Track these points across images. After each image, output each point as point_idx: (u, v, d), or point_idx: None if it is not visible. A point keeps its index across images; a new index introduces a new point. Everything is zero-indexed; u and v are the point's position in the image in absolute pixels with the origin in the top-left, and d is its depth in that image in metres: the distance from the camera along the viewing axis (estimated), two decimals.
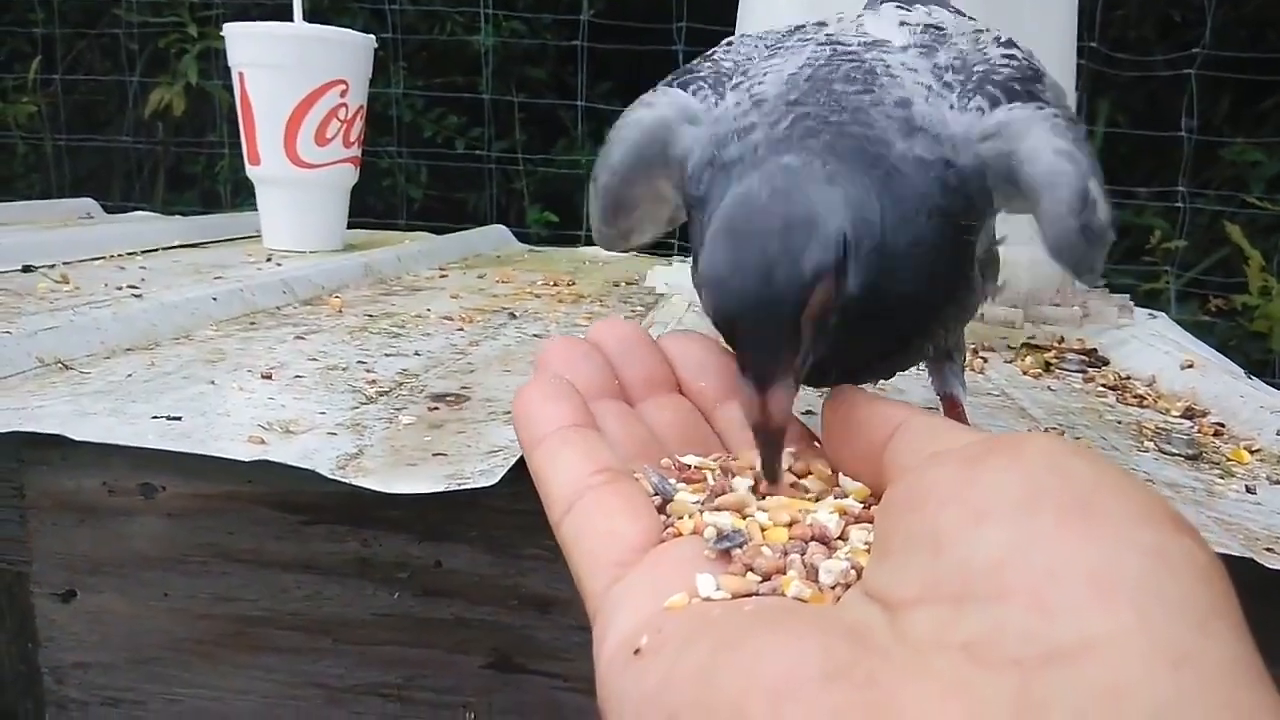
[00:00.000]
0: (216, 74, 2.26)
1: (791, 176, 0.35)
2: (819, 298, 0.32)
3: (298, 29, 1.25)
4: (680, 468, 0.34)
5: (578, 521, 0.31)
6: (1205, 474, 0.59)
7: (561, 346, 0.38)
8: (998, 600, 0.21)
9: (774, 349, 0.32)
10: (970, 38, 0.45)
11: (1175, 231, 2.01)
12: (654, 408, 0.37)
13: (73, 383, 0.63)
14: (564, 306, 1.03)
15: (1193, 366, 0.79)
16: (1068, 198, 0.39)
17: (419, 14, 2.41)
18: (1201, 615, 0.20)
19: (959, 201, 0.39)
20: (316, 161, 1.27)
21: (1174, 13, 2.36)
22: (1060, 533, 0.22)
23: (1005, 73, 0.42)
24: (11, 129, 2.46)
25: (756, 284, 0.31)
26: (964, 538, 0.23)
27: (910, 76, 0.41)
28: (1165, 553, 0.21)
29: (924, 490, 0.26)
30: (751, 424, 0.32)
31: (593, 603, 0.29)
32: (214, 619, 0.56)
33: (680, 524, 0.31)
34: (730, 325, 0.32)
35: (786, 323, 0.32)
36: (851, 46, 0.43)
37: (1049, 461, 0.24)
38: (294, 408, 0.60)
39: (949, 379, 0.51)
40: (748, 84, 0.43)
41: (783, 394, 0.32)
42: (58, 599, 0.57)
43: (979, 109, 0.41)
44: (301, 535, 0.55)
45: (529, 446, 0.34)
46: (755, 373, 0.32)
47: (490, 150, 2.33)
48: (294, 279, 1.00)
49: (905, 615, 0.23)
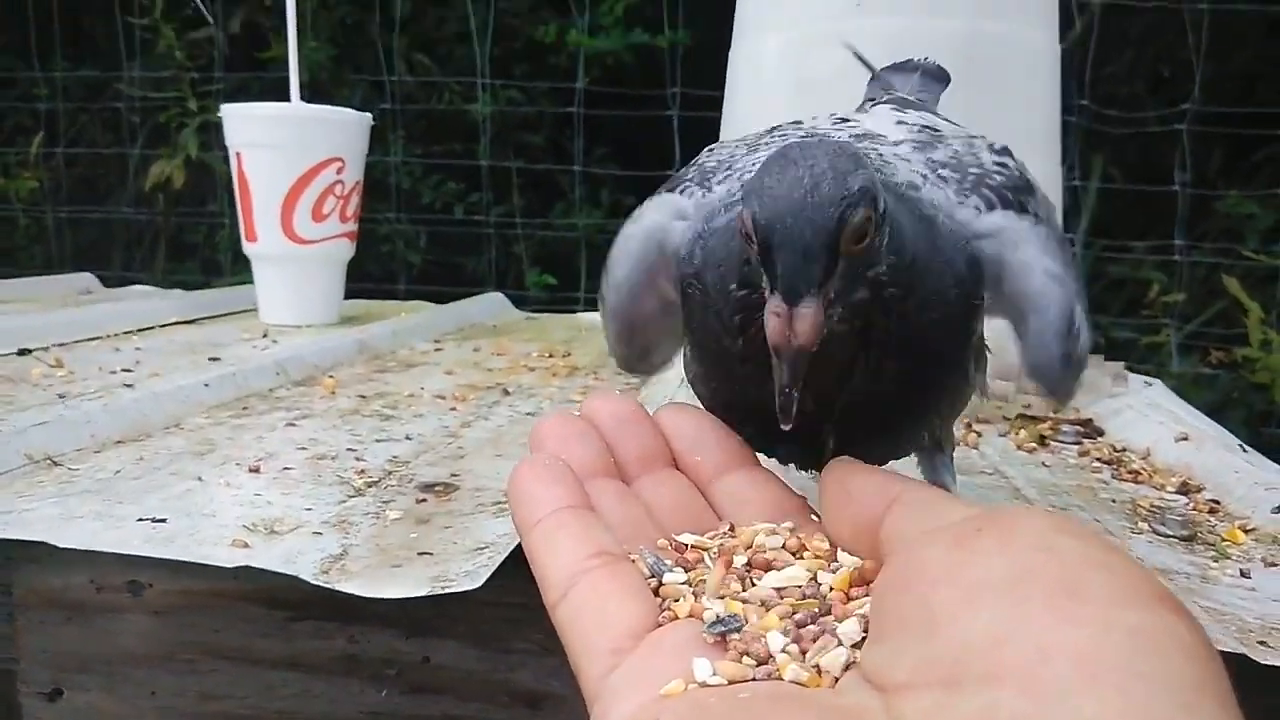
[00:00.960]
0: (216, 146, 2.28)
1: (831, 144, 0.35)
2: (859, 217, 0.32)
3: (294, 109, 1.27)
4: (678, 547, 0.34)
5: (574, 606, 0.31)
6: (1199, 556, 0.58)
7: (556, 425, 0.38)
8: (989, 685, 0.22)
9: (809, 260, 0.32)
10: (964, 142, 0.45)
11: (1173, 285, 2.02)
12: (650, 485, 0.37)
13: (60, 481, 0.63)
14: (558, 380, 1.03)
15: (1188, 439, 0.79)
16: (1054, 322, 0.39)
17: (418, 84, 2.44)
18: (1188, 694, 0.21)
19: (972, 276, 0.40)
20: (313, 238, 1.28)
21: (1163, 68, 2.39)
22: (1049, 614, 0.22)
23: (999, 179, 0.42)
24: (13, 203, 2.48)
25: (801, 193, 0.32)
26: (956, 619, 0.23)
27: (905, 166, 0.42)
28: (1151, 632, 0.22)
29: (917, 570, 0.26)
30: (774, 341, 0.32)
31: (590, 688, 0.29)
32: (202, 717, 0.55)
33: (676, 607, 0.30)
34: (768, 233, 0.32)
35: (825, 232, 0.32)
36: (842, 139, 0.43)
37: (1038, 541, 0.24)
38: (280, 504, 0.60)
39: (939, 469, 0.51)
40: (736, 174, 0.43)
41: (810, 311, 0.32)
42: (44, 697, 0.56)
43: (975, 208, 0.41)
44: (288, 632, 0.54)
45: (524, 529, 0.34)
46: (785, 286, 0.32)
47: (489, 215, 2.35)
48: (288, 360, 1.00)
49: (900, 700, 0.23)
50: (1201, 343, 2.08)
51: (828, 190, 0.32)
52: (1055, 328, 0.39)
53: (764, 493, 0.37)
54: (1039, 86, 1.00)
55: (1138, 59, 2.40)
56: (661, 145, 2.08)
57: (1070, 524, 0.25)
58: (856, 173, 0.33)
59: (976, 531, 0.25)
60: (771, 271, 0.32)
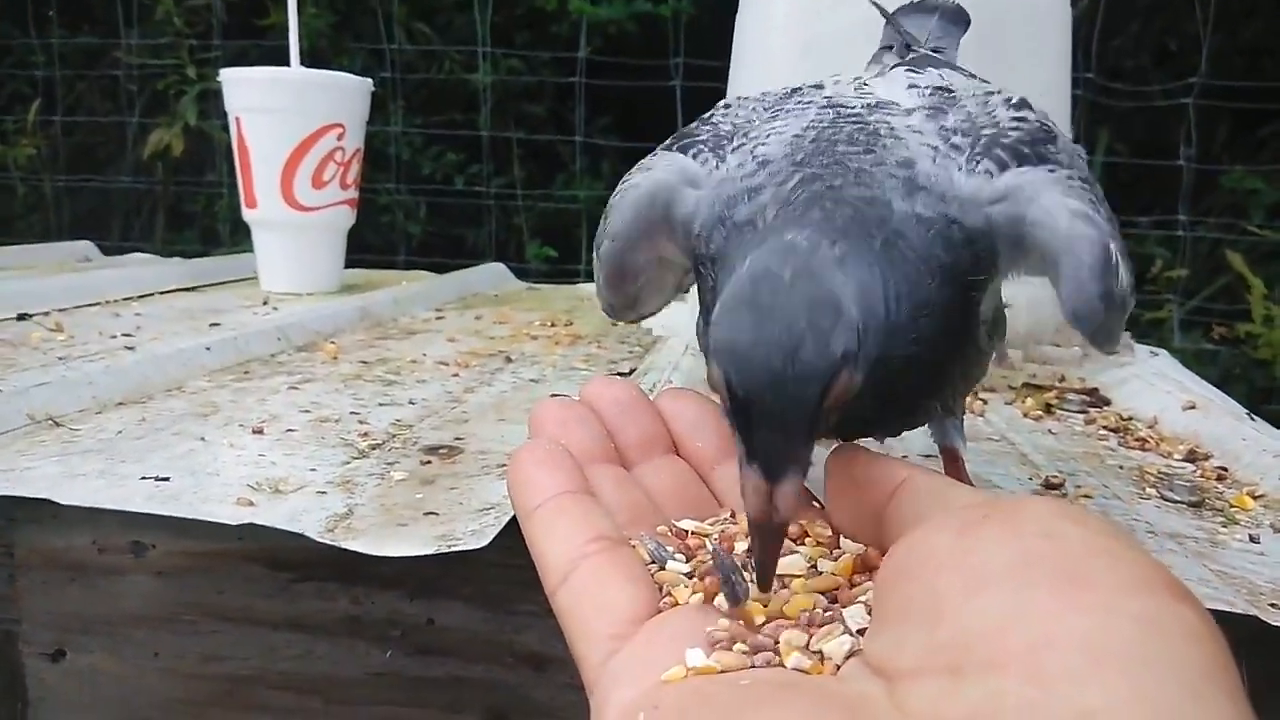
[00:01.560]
0: (215, 114, 2.27)
1: (807, 255, 0.32)
2: (842, 383, 0.30)
3: (294, 74, 1.26)
4: (678, 534, 0.33)
5: (573, 592, 0.31)
6: (1208, 522, 0.58)
7: (555, 409, 0.37)
8: (993, 672, 0.21)
9: (790, 435, 0.29)
10: (979, 100, 0.44)
11: (1177, 260, 2.01)
12: (650, 470, 0.37)
13: (62, 441, 0.63)
14: (561, 349, 1.03)
15: (1195, 408, 0.78)
16: (1089, 262, 0.38)
17: (418, 53, 2.43)
18: (1195, 681, 0.20)
19: (965, 257, 0.39)
20: (313, 204, 1.27)
21: (1170, 41, 2.37)
22: (1054, 602, 0.22)
23: (1014, 135, 0.41)
24: (11, 171, 2.47)
25: (781, 361, 0.29)
26: (961, 606, 0.23)
27: (915, 139, 0.41)
28: (1157, 619, 0.22)
29: (921, 556, 0.26)
30: (754, 517, 0.30)
31: (589, 674, 0.29)
32: (204, 679, 0.55)
33: (677, 593, 0.30)
34: (746, 404, 0.29)
35: (808, 408, 0.29)
36: (855, 109, 0.43)
37: (1043, 528, 0.24)
38: (284, 465, 0.60)
39: (949, 432, 0.51)
40: (750, 145, 0.42)
41: (792, 488, 0.30)
42: (47, 658, 0.56)
43: (987, 172, 0.40)
44: (291, 593, 0.54)
45: (524, 514, 0.33)
46: (765, 460, 0.29)
47: (489, 186, 2.34)
48: (289, 325, 1.00)
49: (904, 687, 0.23)
50: (1204, 318, 2.07)
51: (808, 360, 0.29)
52: (1089, 265, 0.38)
53: None
54: (1050, 46, 0.99)
55: (1144, 31, 2.39)
56: (664, 116, 2.07)
57: (1076, 511, 0.25)
58: (838, 327, 0.30)
59: (982, 518, 0.25)
60: (748, 442, 0.30)
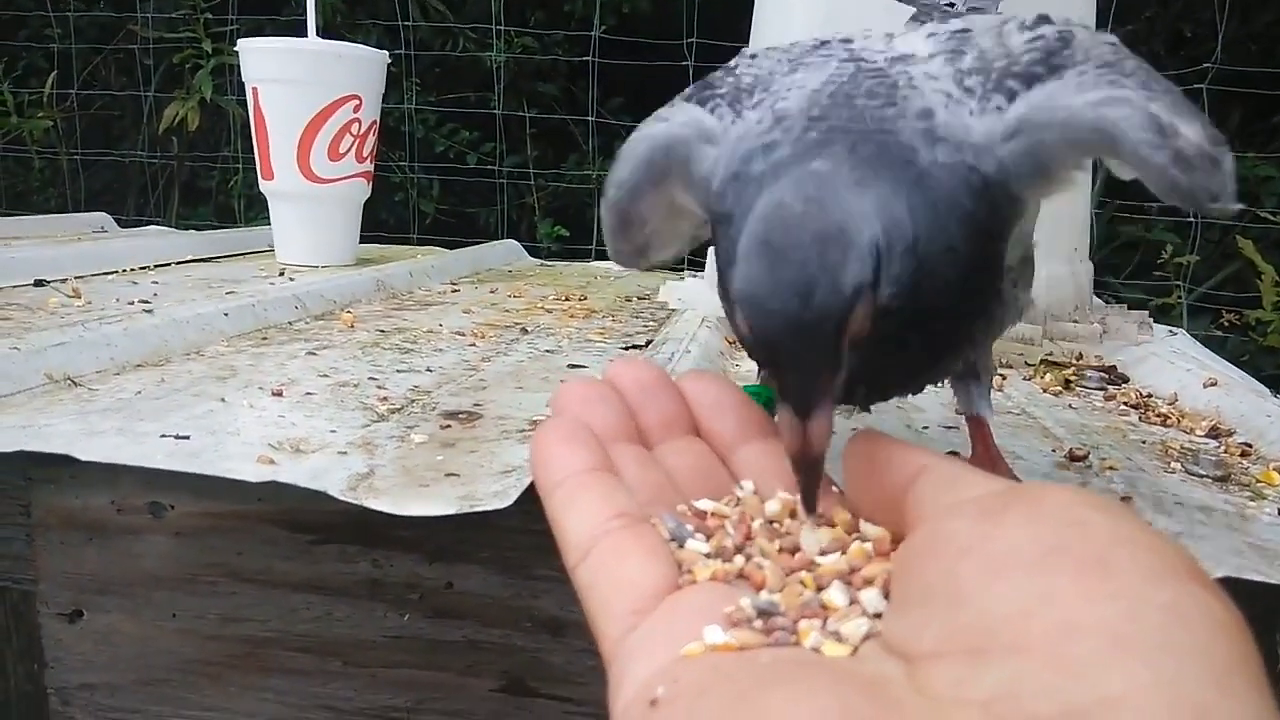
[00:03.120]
0: (231, 89, 2.26)
1: (821, 183, 0.34)
2: (859, 315, 0.31)
3: (312, 44, 1.25)
4: (697, 514, 0.33)
5: (594, 567, 0.31)
6: (1235, 497, 0.57)
7: (578, 389, 0.37)
8: (1016, 656, 0.21)
9: (814, 372, 0.31)
10: (993, 33, 0.43)
11: (1187, 246, 2.00)
12: (671, 451, 0.37)
13: (81, 400, 0.63)
14: (576, 322, 1.03)
15: (1216, 385, 0.78)
16: (1135, 139, 0.37)
17: (432, 30, 2.42)
18: (1219, 671, 0.20)
19: (984, 207, 0.38)
20: (330, 176, 1.26)
21: (1184, 27, 2.35)
22: (1077, 588, 0.22)
23: (1026, 60, 0.41)
24: (27, 144, 2.47)
25: (797, 305, 0.30)
26: (983, 591, 0.23)
27: (931, 85, 0.40)
28: (1182, 608, 0.21)
29: (943, 540, 0.25)
30: (792, 453, 0.32)
31: (608, 649, 0.29)
32: (222, 640, 0.55)
33: (696, 571, 0.30)
34: (769, 348, 0.31)
35: (827, 344, 0.31)
36: (876, 63, 0.42)
37: (1067, 515, 0.24)
38: (304, 426, 0.60)
39: (976, 399, 0.50)
40: (770, 100, 0.42)
41: (823, 420, 0.31)
42: (64, 619, 0.56)
43: (997, 108, 0.39)
44: (311, 555, 0.54)
45: (546, 491, 0.33)
46: (795, 398, 0.31)
47: (502, 165, 2.33)
48: (306, 294, 1.00)
49: (924, 669, 0.23)
50: (1212, 305, 2.06)
51: (822, 301, 0.30)
52: (1137, 143, 0.37)
53: (785, 462, 0.35)
54: None
55: (1159, 17, 2.37)
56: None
57: (1100, 499, 0.25)
58: (847, 262, 0.31)
59: (1004, 504, 0.25)
60: (778, 380, 0.32)
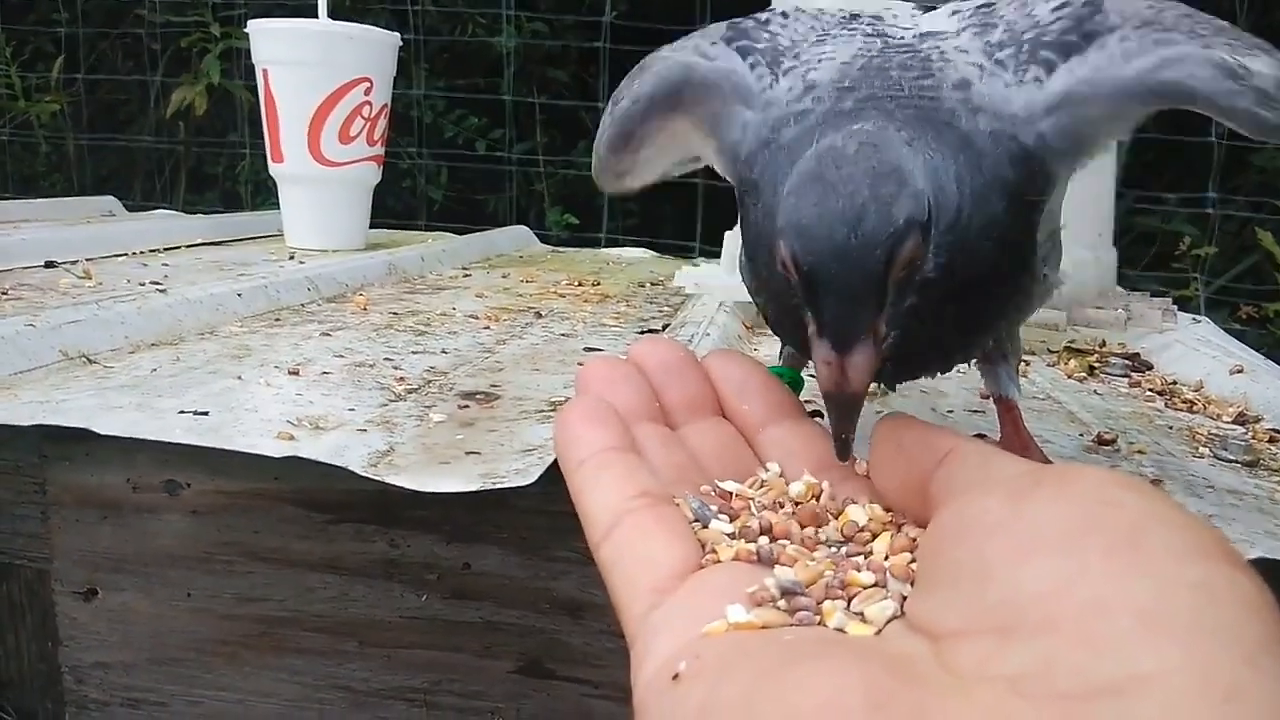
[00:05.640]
0: (239, 74, 2.25)
1: (873, 134, 0.33)
2: (908, 252, 0.30)
3: (323, 26, 1.25)
4: (721, 494, 0.33)
5: (617, 545, 0.30)
6: (1266, 481, 0.57)
7: (603, 368, 0.37)
8: (1045, 634, 0.21)
9: (858, 305, 0.30)
10: (1017, 5, 0.43)
11: (1205, 238, 1.99)
12: (695, 432, 0.37)
13: (97, 377, 0.62)
14: (590, 306, 1.02)
15: (1242, 371, 0.77)
16: (1209, 91, 0.37)
17: (441, 15, 2.40)
18: (1250, 650, 0.20)
19: (1024, 178, 0.38)
20: (340, 159, 1.26)
21: None
22: (1108, 566, 0.22)
23: (1056, 29, 0.40)
24: (34, 128, 2.47)
25: (845, 231, 0.29)
26: (1011, 569, 0.23)
27: (963, 59, 0.40)
28: (1214, 587, 0.21)
29: (970, 520, 0.25)
30: (826, 389, 0.31)
31: (631, 627, 0.29)
32: (238, 619, 0.55)
33: (720, 551, 0.30)
34: (812, 277, 0.30)
35: (873, 275, 0.30)
36: (905, 39, 0.42)
37: (1098, 494, 0.23)
38: (322, 404, 0.59)
39: (1004, 381, 0.49)
40: (801, 69, 0.41)
41: (864, 357, 0.30)
42: (79, 597, 0.56)
43: (1036, 80, 0.39)
44: (328, 535, 0.53)
45: (569, 469, 0.33)
46: (835, 331, 0.30)
47: (511, 152, 2.32)
48: (318, 276, 0.99)
49: (950, 646, 0.23)
50: (1231, 298, 2.05)
51: (872, 227, 0.29)
52: (1219, 92, 0.37)
53: (811, 444, 0.36)
54: None
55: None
56: None
57: (1131, 479, 0.24)
58: (900, 197, 0.30)
59: (1033, 484, 0.25)
60: (818, 316, 0.30)
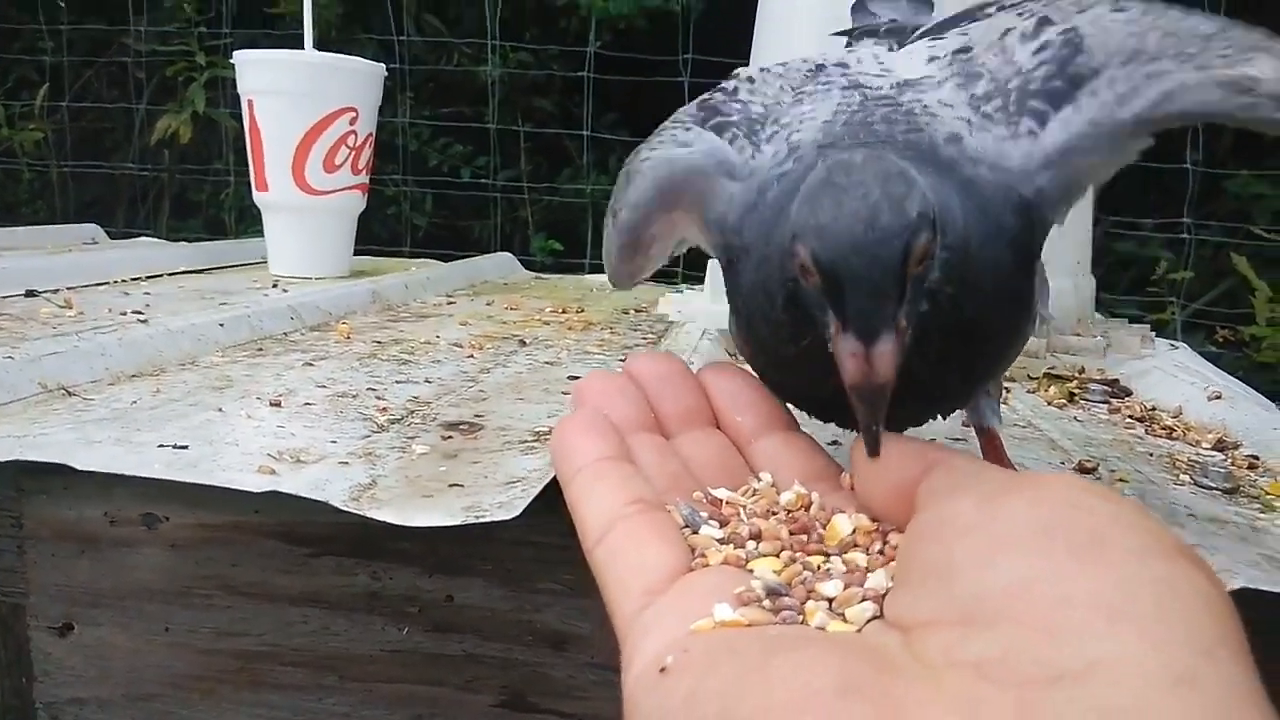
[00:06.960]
0: (224, 102, 2.25)
1: (876, 150, 0.34)
2: (922, 244, 0.31)
3: (309, 57, 1.25)
4: (713, 501, 0.34)
5: (610, 549, 0.32)
6: (1246, 509, 0.57)
7: (599, 381, 0.38)
8: (1010, 623, 0.22)
9: (880, 297, 0.31)
10: (996, 48, 0.42)
11: (1181, 263, 2.01)
12: (690, 441, 0.38)
13: (76, 410, 0.62)
14: (574, 334, 1.02)
15: (1220, 398, 0.78)
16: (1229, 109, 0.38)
17: (427, 45, 2.42)
18: (1207, 642, 0.21)
19: (1023, 226, 0.38)
20: (325, 188, 1.26)
21: None
22: (1072, 563, 0.23)
23: (1040, 75, 0.40)
24: (18, 155, 2.46)
25: (861, 227, 0.31)
26: (980, 566, 0.24)
27: (949, 113, 0.40)
28: (1174, 583, 0.22)
29: (945, 521, 0.26)
30: (854, 381, 0.31)
31: (622, 626, 0.30)
32: (216, 654, 0.54)
33: (709, 555, 0.31)
34: (833, 274, 0.31)
35: (892, 267, 0.31)
36: (882, 90, 0.42)
37: (1067, 498, 0.25)
38: (304, 436, 0.59)
39: (985, 412, 0.50)
40: (784, 134, 0.41)
41: (889, 346, 0.31)
42: (55, 632, 0.55)
43: (1030, 132, 0.39)
44: (309, 568, 0.53)
45: (566, 478, 0.35)
46: (859, 325, 0.31)
47: (496, 179, 2.33)
48: (301, 305, 0.99)
49: (919, 637, 0.24)
50: (1206, 322, 2.07)
51: (887, 221, 0.31)
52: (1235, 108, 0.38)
53: (801, 456, 0.37)
54: None
55: None
56: (672, 112, 2.05)
57: (1102, 488, 0.26)
58: (911, 195, 0.32)
59: (1006, 489, 0.26)
60: (841, 312, 0.31)
